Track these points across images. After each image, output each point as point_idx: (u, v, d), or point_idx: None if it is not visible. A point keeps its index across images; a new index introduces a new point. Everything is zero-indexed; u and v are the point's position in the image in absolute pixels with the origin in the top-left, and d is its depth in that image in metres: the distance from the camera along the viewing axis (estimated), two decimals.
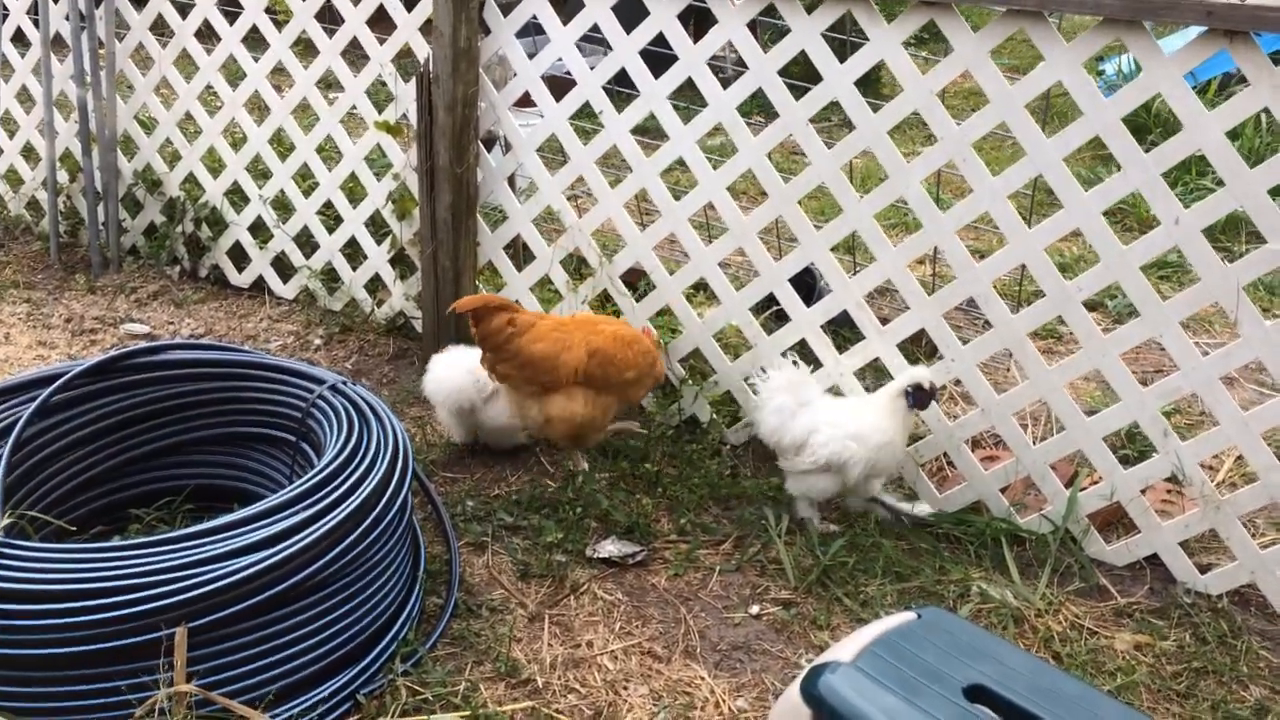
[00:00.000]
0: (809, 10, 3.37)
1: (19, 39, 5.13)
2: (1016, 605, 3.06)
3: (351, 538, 2.61)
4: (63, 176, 5.14)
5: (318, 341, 4.52)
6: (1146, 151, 3.02)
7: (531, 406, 3.40)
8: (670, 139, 3.71)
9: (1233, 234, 5.36)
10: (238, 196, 4.84)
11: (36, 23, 4.95)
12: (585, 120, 4.08)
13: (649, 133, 3.95)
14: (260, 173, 4.78)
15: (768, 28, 7.05)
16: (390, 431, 2.94)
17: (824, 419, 3.33)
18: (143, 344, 3.36)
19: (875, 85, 7.18)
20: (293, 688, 2.53)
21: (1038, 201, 4.17)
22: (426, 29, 4.02)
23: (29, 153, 5.32)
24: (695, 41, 3.61)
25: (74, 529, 2.99)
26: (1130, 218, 5.66)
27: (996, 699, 2.00)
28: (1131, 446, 3.70)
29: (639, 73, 3.72)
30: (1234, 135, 2.93)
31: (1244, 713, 2.76)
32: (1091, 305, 3.25)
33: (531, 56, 3.96)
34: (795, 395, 3.39)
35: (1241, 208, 2.92)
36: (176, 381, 3.18)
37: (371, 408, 3.01)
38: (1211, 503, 3.12)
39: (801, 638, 2.99)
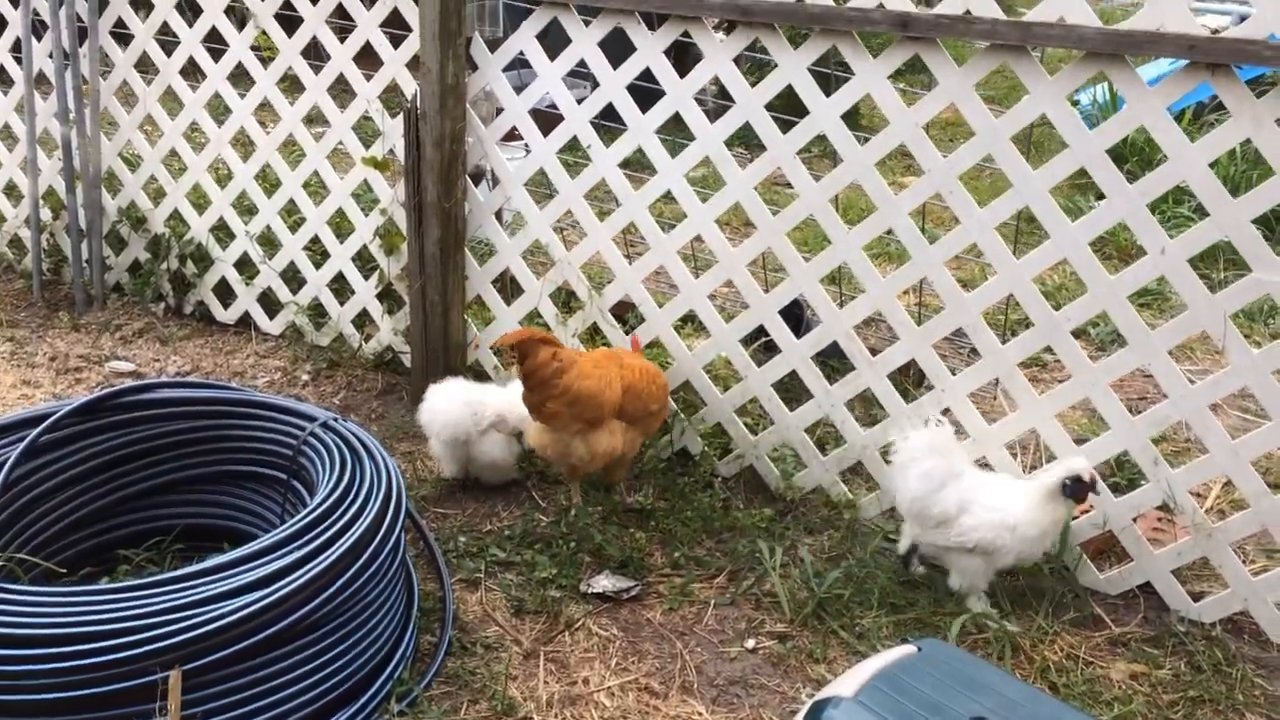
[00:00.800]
0: (795, 45, 3.41)
1: (1, 78, 5.12)
2: (1012, 635, 3.06)
3: (346, 576, 2.59)
4: (45, 214, 5.11)
5: (305, 377, 4.49)
6: (1129, 182, 3.06)
7: (578, 445, 3.36)
8: (658, 172, 3.73)
9: (1210, 262, 5.42)
10: (223, 233, 4.82)
11: (19, 60, 4.94)
12: (568, 154, 4.09)
13: (630, 165, 3.97)
14: (246, 209, 4.77)
15: (748, 61, 7.13)
16: (383, 468, 2.92)
17: (978, 499, 3.12)
18: (130, 383, 3.34)
19: (852, 117, 7.24)
20: None
21: (1018, 232, 4.21)
22: (413, 65, 4.03)
23: (10, 190, 5.29)
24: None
25: (64, 570, 2.95)
26: (1109, 246, 5.72)
27: None
28: (1121, 475, 3.72)
29: (626, 107, 3.75)
30: (1212, 165, 2.97)
31: None
32: (1074, 334, 3.27)
33: (517, 90, 3.97)
34: (944, 461, 3.16)
35: (1226, 237, 2.96)
36: (166, 420, 3.16)
37: (364, 444, 3.00)
38: (1203, 530, 3.14)
39: (798, 671, 2.98)
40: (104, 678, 2.27)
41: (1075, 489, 3.10)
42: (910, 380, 3.99)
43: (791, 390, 3.78)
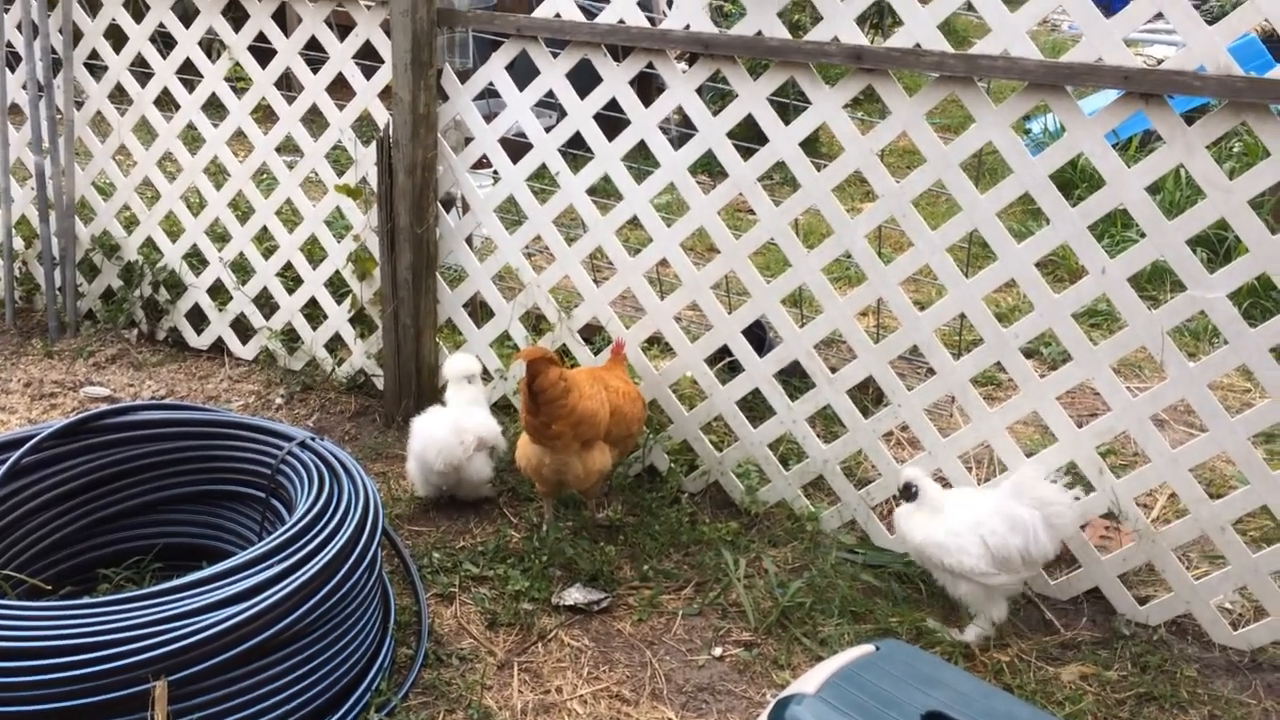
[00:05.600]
0: (754, 76, 3.56)
1: None
2: (963, 643, 3.19)
3: (325, 590, 2.67)
4: (18, 243, 5.16)
5: (279, 400, 4.57)
6: (1073, 206, 3.22)
7: (577, 464, 3.44)
8: (625, 198, 3.86)
9: (1159, 284, 5.63)
10: (196, 260, 4.90)
11: None
12: (537, 181, 4.22)
13: (597, 192, 4.09)
14: (219, 236, 4.85)
15: (709, 90, 7.31)
16: (360, 485, 3.01)
17: None
18: (109, 405, 3.40)
19: (813, 144, 7.43)
20: None
21: (972, 254, 4.38)
22: (385, 95, 4.14)
23: None
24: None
25: (49, 588, 3.01)
26: (1061, 269, 5.91)
27: None
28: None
29: (593, 135, 3.88)
30: (1156, 189, 3.14)
31: None
32: (1028, 353, 3.43)
33: (487, 119, 4.09)
34: None
35: (1162, 257, 3.13)
36: (146, 442, 3.22)
37: (341, 462, 3.08)
38: (1147, 536, 3.28)
39: (764, 677, 3.09)
40: (92, 689, 2.34)
41: None
42: (869, 398, 4.14)
43: (755, 408, 3.91)
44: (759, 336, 4.19)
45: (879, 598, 3.39)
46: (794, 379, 4.04)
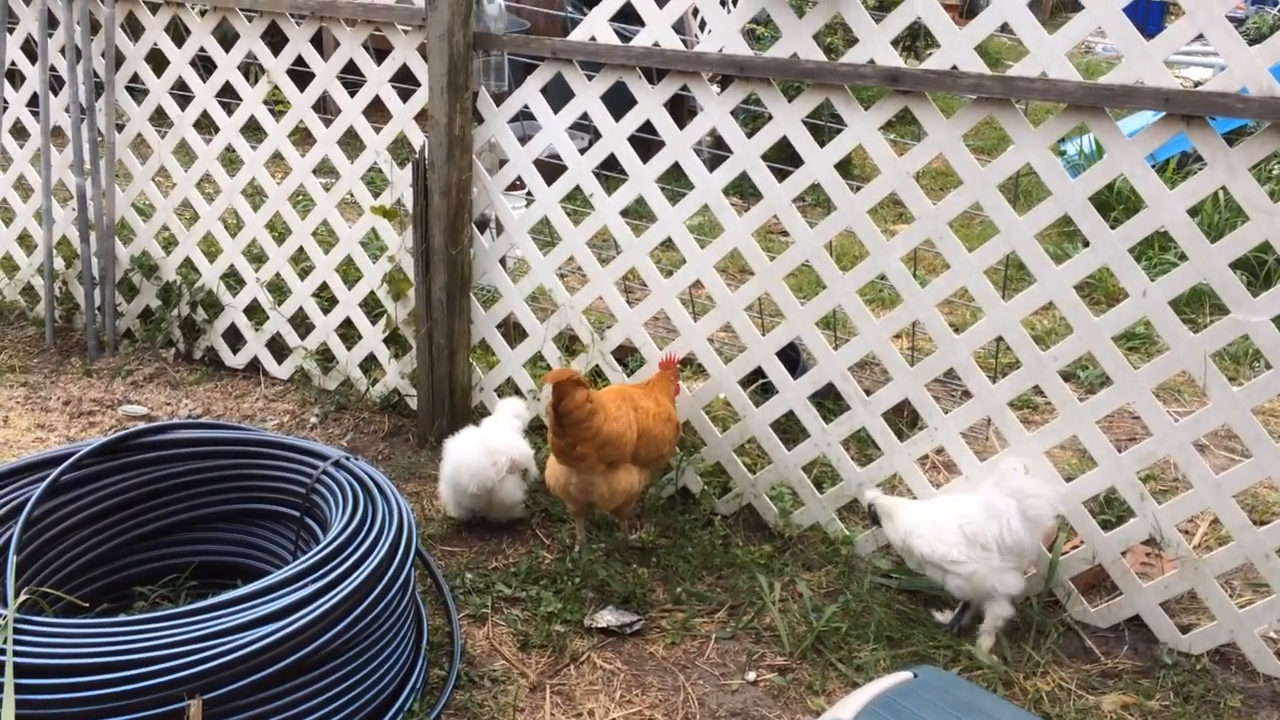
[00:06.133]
0: (789, 98, 3.56)
1: (17, 131, 5.26)
2: (1005, 668, 3.14)
3: (359, 609, 2.67)
4: (59, 263, 5.23)
5: (313, 420, 4.59)
6: (1112, 228, 3.19)
7: (602, 484, 3.44)
8: (658, 219, 3.86)
9: (1197, 307, 5.56)
10: (233, 280, 4.94)
11: (37, 115, 5.08)
12: (571, 203, 4.23)
13: (630, 214, 4.10)
14: (256, 257, 4.90)
15: (741, 112, 7.32)
16: (394, 505, 3.01)
17: None
18: (147, 424, 3.43)
19: (845, 166, 7.41)
20: None
21: (1008, 277, 4.35)
22: (421, 118, 4.17)
23: (24, 240, 5.42)
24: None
25: (86, 605, 3.03)
26: (1098, 291, 5.85)
27: None
28: (1110, 511, 3.82)
29: (628, 157, 3.89)
30: (1194, 211, 3.10)
31: None
32: (1065, 377, 3.38)
33: (521, 141, 4.12)
34: None
35: (1205, 280, 3.09)
36: (182, 460, 3.24)
37: (375, 482, 3.09)
38: (1190, 563, 3.23)
39: (798, 703, 3.05)
40: (128, 706, 2.35)
41: None
42: (904, 420, 4.10)
43: (789, 430, 3.88)
44: (792, 358, 4.17)
45: (915, 623, 3.35)
46: (827, 401, 4.01)
